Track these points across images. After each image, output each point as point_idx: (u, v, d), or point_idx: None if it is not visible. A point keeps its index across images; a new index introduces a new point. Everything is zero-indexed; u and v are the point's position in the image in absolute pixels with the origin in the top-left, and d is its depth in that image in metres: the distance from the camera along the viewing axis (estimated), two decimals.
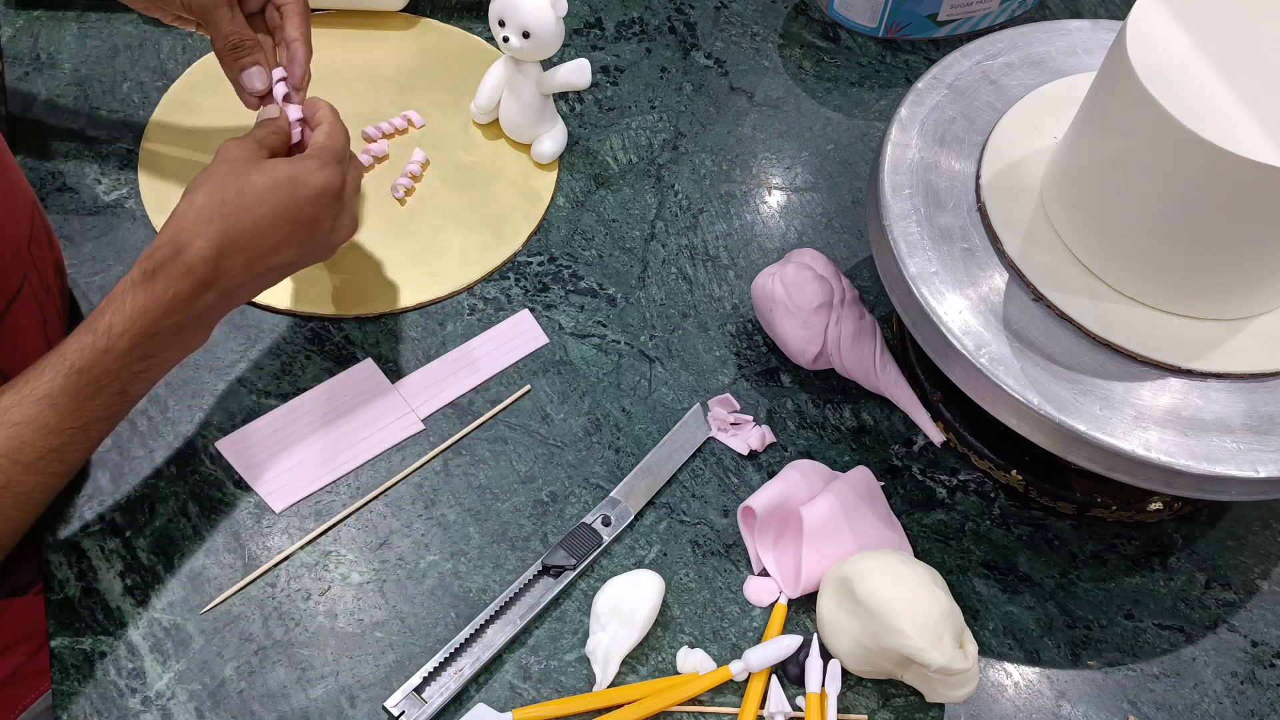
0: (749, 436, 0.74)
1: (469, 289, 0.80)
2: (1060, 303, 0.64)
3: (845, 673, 0.64)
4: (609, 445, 0.74)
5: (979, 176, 0.70)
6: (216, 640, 0.65)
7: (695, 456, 0.74)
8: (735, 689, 0.65)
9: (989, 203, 0.68)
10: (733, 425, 0.75)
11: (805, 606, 0.68)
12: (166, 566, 0.67)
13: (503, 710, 0.63)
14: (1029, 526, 0.73)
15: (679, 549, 0.70)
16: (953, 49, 0.76)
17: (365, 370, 0.75)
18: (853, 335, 0.74)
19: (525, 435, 0.74)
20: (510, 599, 0.66)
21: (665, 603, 0.67)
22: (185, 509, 0.69)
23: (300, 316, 0.77)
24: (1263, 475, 0.59)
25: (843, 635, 0.63)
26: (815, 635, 0.65)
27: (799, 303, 0.73)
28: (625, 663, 0.65)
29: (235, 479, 0.70)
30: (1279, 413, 0.62)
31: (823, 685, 0.64)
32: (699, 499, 0.72)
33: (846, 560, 0.64)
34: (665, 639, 0.67)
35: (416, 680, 0.63)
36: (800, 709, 0.64)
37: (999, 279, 0.66)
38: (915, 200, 0.68)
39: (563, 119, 0.87)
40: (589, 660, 0.65)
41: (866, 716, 0.65)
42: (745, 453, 0.74)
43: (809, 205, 0.87)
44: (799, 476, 0.70)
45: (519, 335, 0.78)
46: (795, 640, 0.64)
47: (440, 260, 0.81)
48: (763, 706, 0.64)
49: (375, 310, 0.78)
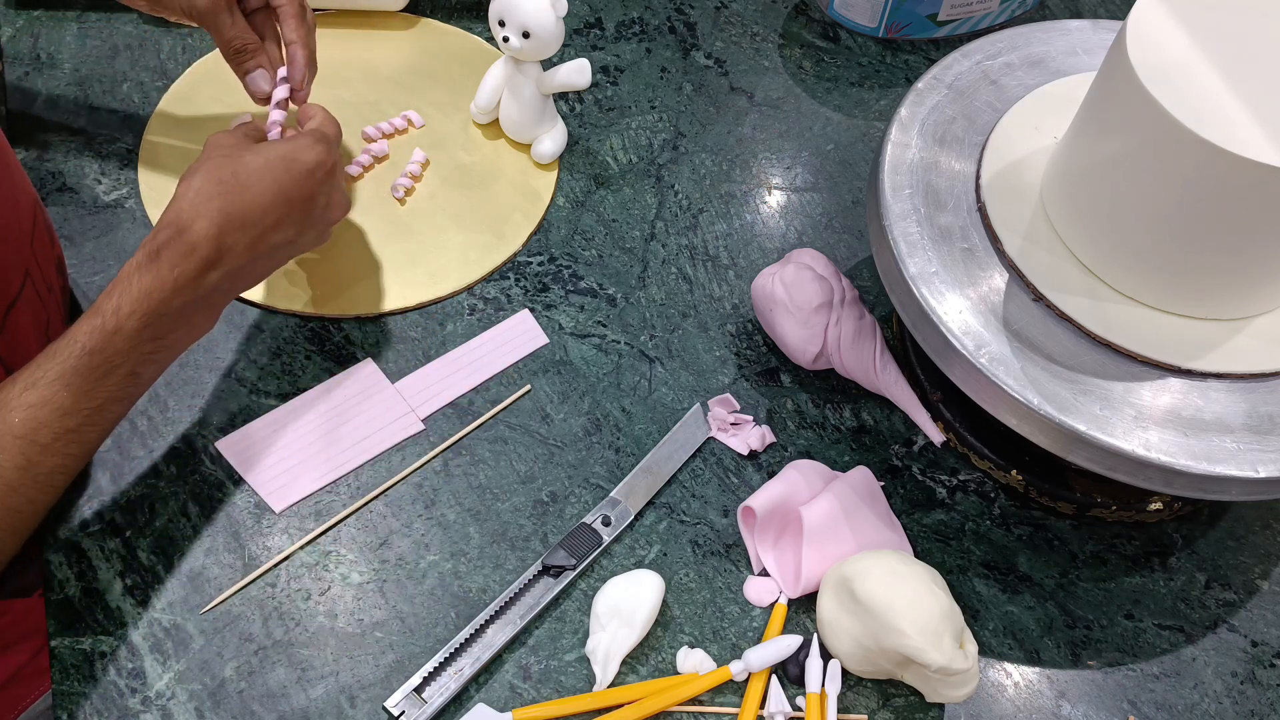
0: (749, 436, 0.74)
1: (469, 289, 0.80)
2: (1060, 303, 0.64)
3: (845, 673, 0.64)
4: (609, 445, 0.74)
5: (979, 176, 0.70)
6: (216, 640, 0.65)
7: (695, 456, 0.74)
8: (735, 689, 0.65)
9: (989, 203, 0.68)
10: (733, 425, 0.75)
11: (805, 606, 0.68)
12: (166, 566, 0.67)
13: (503, 710, 0.63)
14: (1029, 526, 0.73)
15: (679, 549, 0.70)
16: (953, 49, 0.76)
17: (365, 370, 0.75)
18: (853, 335, 0.74)
19: (525, 435, 0.74)
20: (510, 599, 0.66)
21: (665, 603, 0.67)
22: (185, 509, 0.69)
23: (300, 316, 0.77)
24: (1263, 475, 0.59)
25: (843, 635, 0.63)
26: (815, 635, 0.65)
27: (799, 303, 0.73)
28: (625, 663, 0.65)
29: (235, 479, 0.70)
30: (1279, 413, 0.62)
31: (823, 685, 0.64)
32: (699, 499, 0.72)
33: (846, 560, 0.64)
34: (665, 639, 0.67)
35: (416, 680, 0.63)
36: (800, 709, 0.64)
37: (999, 279, 0.66)
38: (915, 200, 0.68)
39: (563, 119, 0.87)
40: (589, 660, 0.65)
41: (866, 716, 0.65)
42: (745, 453, 0.74)
43: (809, 205, 0.87)
44: (799, 476, 0.70)
45: (519, 335, 0.78)
46: (795, 640, 0.64)
47: (440, 260, 0.81)
48: (763, 706, 0.64)
49: (375, 310, 0.78)
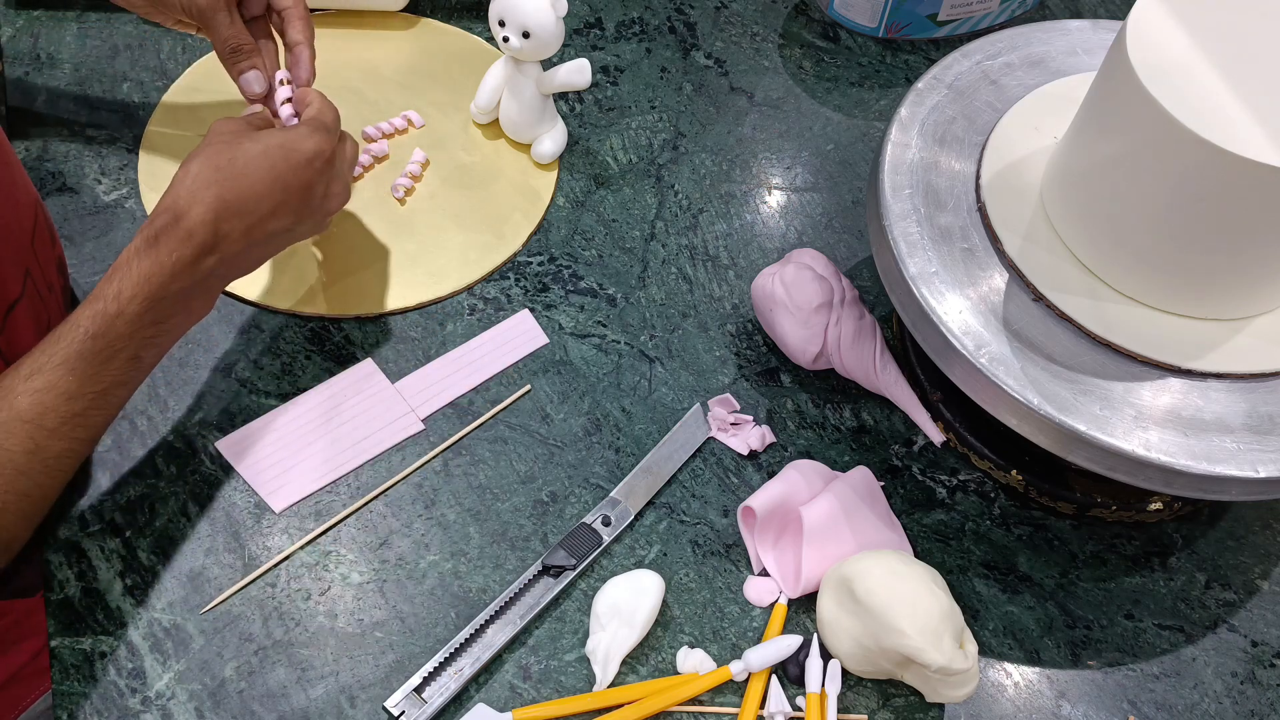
0: (749, 436, 0.74)
1: (469, 289, 0.80)
2: (1060, 303, 0.64)
3: (845, 673, 0.64)
4: (609, 445, 0.74)
5: (979, 176, 0.70)
6: (216, 640, 0.65)
7: (695, 456, 0.74)
8: (735, 689, 0.65)
9: (989, 203, 0.68)
10: (733, 425, 0.75)
11: (805, 606, 0.68)
12: (166, 566, 0.67)
13: (503, 710, 0.63)
14: (1029, 526, 0.73)
15: (679, 549, 0.70)
16: (953, 49, 0.76)
17: (365, 370, 0.75)
18: (853, 335, 0.74)
19: (525, 435, 0.74)
20: (510, 599, 0.66)
21: (665, 603, 0.67)
22: (185, 509, 0.69)
23: (300, 316, 0.77)
24: (1263, 475, 0.59)
25: (843, 635, 0.63)
26: (815, 635, 0.65)
27: (799, 303, 0.73)
28: (625, 663, 0.65)
29: (235, 479, 0.70)
30: (1279, 413, 0.62)
31: (823, 685, 0.63)
32: (699, 499, 0.72)
33: (846, 560, 0.64)
34: (665, 639, 0.67)
35: (416, 680, 0.63)
36: (800, 709, 0.64)
37: (999, 279, 0.66)
38: (915, 200, 0.68)
39: (563, 119, 0.87)
40: (589, 660, 0.65)
41: (866, 716, 0.65)
42: (745, 453, 0.74)
43: (809, 205, 0.87)
44: (799, 476, 0.70)
45: (519, 335, 0.78)
46: (795, 640, 0.64)
47: (440, 260, 0.81)
48: (763, 706, 0.64)
49: (375, 310, 0.78)
